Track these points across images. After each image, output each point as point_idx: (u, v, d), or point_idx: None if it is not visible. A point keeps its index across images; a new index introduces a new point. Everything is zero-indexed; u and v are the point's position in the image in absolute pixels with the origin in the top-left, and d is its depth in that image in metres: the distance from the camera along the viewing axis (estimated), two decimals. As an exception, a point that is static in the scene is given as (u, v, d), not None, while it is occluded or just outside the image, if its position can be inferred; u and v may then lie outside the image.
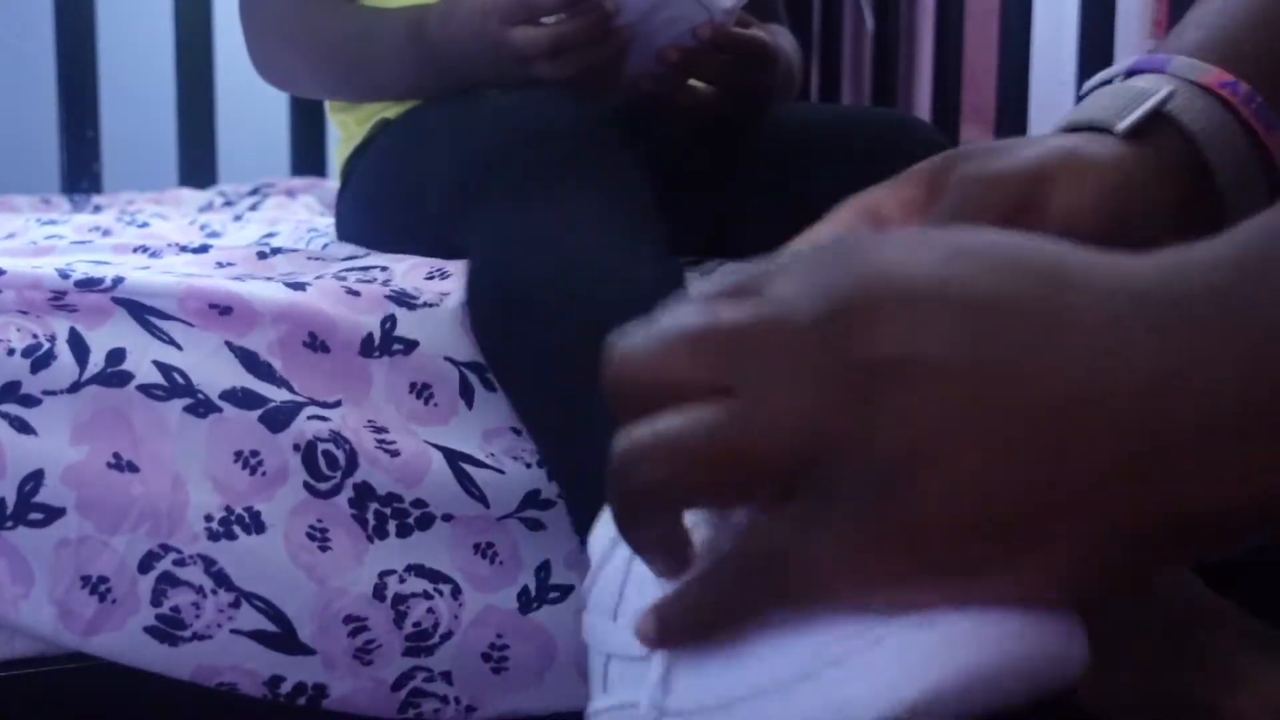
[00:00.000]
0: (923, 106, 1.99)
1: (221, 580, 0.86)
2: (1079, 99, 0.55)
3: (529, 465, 0.92)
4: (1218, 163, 0.49)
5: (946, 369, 0.33)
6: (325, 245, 1.22)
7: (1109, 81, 0.54)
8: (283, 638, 0.87)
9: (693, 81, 1.15)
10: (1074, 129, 0.51)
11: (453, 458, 0.90)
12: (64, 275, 0.90)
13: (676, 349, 0.37)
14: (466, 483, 0.90)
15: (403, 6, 1.15)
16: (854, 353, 0.34)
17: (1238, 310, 0.32)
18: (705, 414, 0.36)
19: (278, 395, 0.89)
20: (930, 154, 1.05)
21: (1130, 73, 0.53)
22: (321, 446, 0.88)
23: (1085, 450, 0.32)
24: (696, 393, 0.36)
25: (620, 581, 0.68)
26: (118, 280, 0.90)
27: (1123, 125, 0.49)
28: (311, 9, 1.19)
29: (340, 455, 0.88)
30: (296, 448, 0.88)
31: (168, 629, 0.86)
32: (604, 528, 0.75)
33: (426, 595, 0.90)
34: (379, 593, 0.88)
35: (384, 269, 1.02)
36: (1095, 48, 1.48)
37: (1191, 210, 0.49)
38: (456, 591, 0.90)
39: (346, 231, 1.24)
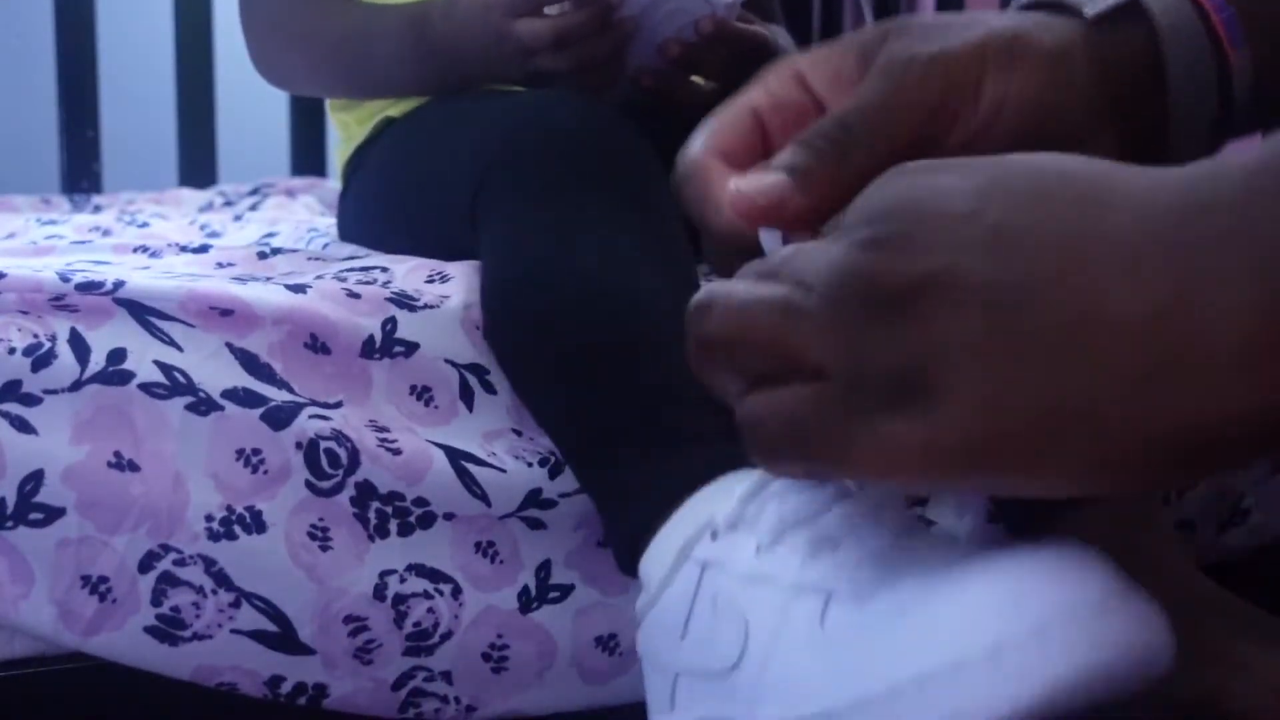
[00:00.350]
0: (923, 106, 1.99)
1: (222, 580, 0.86)
2: None
3: (530, 464, 0.92)
4: (1174, 62, 0.49)
5: (971, 287, 0.35)
6: (325, 245, 1.22)
7: None
8: (283, 638, 0.87)
9: (693, 78, 1.15)
10: (1038, 5, 0.50)
11: (454, 456, 0.90)
12: (64, 279, 0.89)
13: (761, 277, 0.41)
14: (468, 481, 0.90)
15: (403, 3, 1.15)
16: (892, 272, 0.37)
17: (1254, 223, 0.32)
18: (770, 294, 0.40)
19: (278, 396, 0.89)
20: None
21: None
22: (324, 445, 0.88)
23: (1093, 368, 0.34)
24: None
25: (689, 599, 0.68)
26: (119, 284, 0.90)
27: (1092, 10, 0.48)
28: (311, 7, 1.18)
29: (342, 453, 0.88)
30: (299, 446, 0.88)
31: (168, 629, 0.86)
32: (660, 551, 0.75)
33: (426, 595, 0.90)
34: (379, 593, 0.88)
35: (384, 269, 1.02)
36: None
37: (1136, 107, 0.49)
38: (457, 591, 0.90)
39: (349, 231, 1.23)
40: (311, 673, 0.88)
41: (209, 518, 0.86)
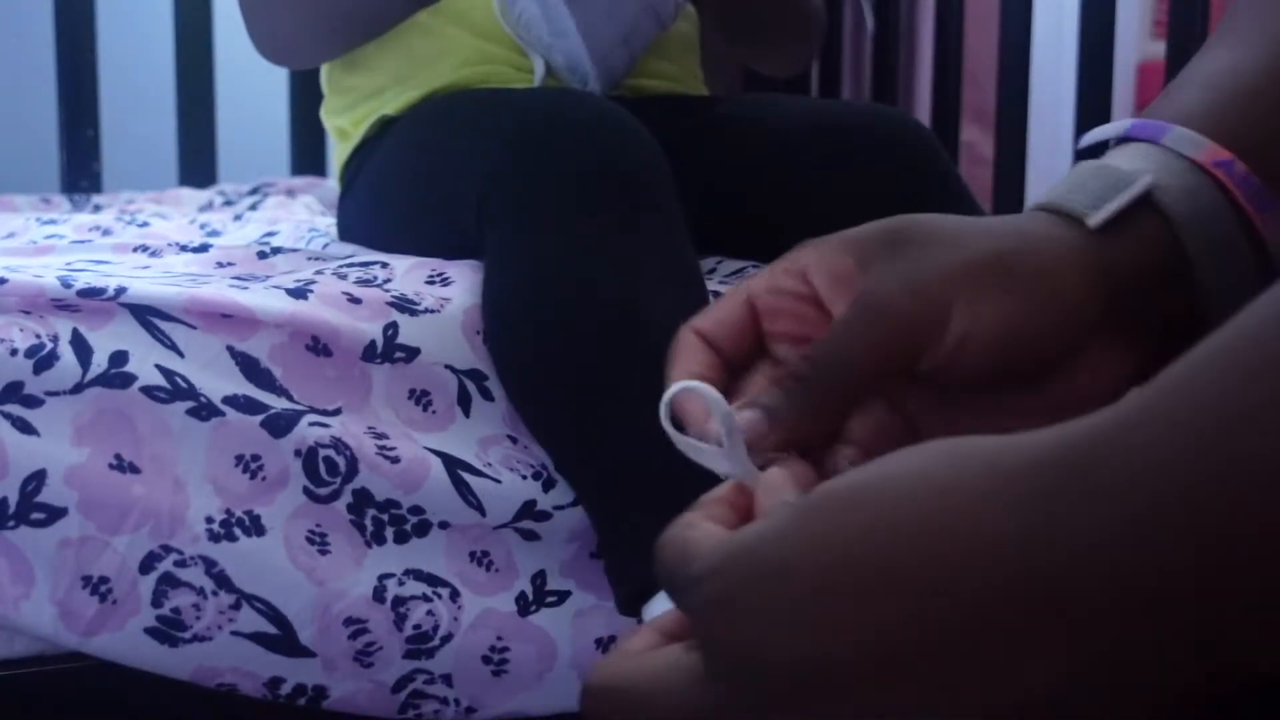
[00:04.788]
0: (923, 106, 1.99)
1: (222, 582, 0.86)
2: (1078, 153, 0.54)
3: (524, 477, 0.92)
4: (1197, 248, 0.47)
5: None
6: (325, 245, 1.22)
7: (1096, 154, 0.52)
8: (283, 640, 0.87)
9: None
10: (1049, 209, 0.50)
11: (451, 465, 0.90)
12: (66, 284, 0.89)
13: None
14: (464, 491, 0.90)
15: None
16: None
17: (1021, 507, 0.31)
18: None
19: (278, 404, 0.89)
20: (919, 150, 1.06)
21: (1126, 136, 0.51)
22: (323, 453, 0.88)
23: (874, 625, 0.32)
24: None
25: None
26: (120, 289, 0.89)
27: (1095, 219, 0.47)
28: None
29: (341, 461, 0.88)
30: (298, 453, 0.88)
31: (168, 630, 0.86)
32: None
33: (425, 598, 0.90)
34: (379, 595, 0.88)
35: (384, 265, 1.01)
36: (1095, 48, 1.48)
37: (1152, 303, 0.48)
38: (455, 595, 0.90)
39: (351, 232, 1.22)
40: (311, 674, 0.88)
41: (209, 519, 0.86)
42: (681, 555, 0.37)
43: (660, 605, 0.81)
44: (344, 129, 1.25)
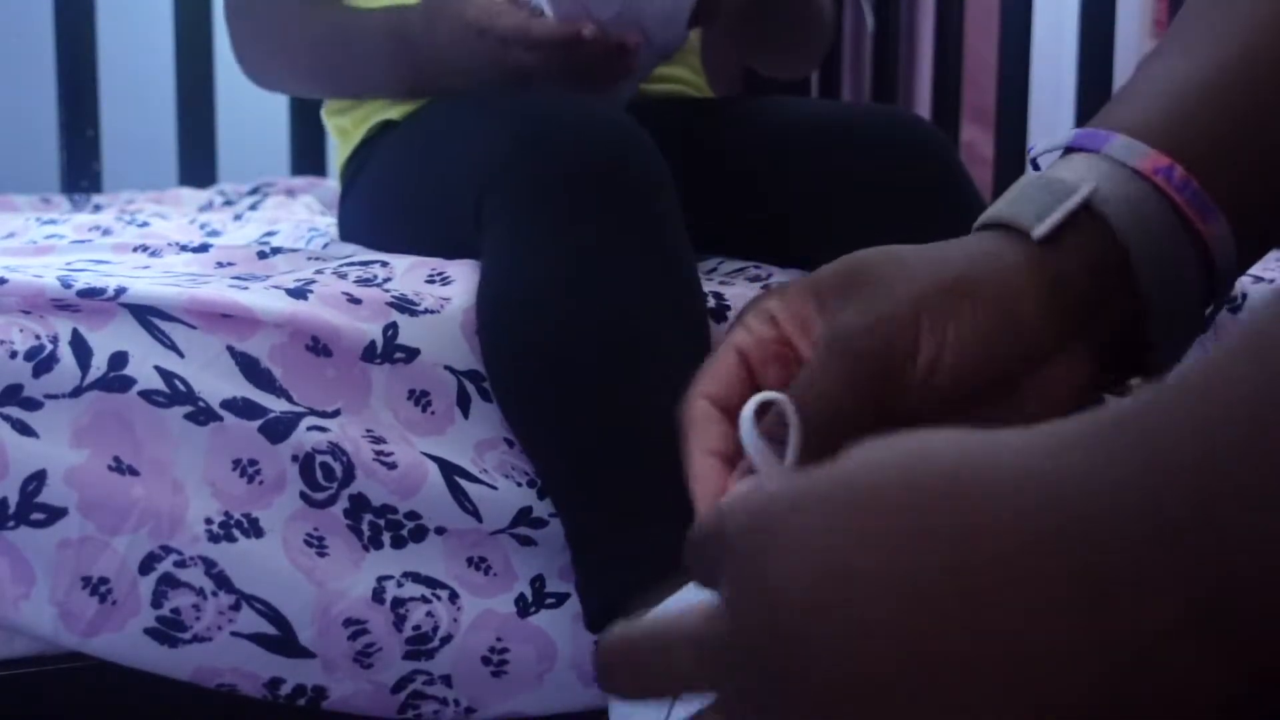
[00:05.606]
0: (923, 106, 1.99)
1: (222, 582, 0.86)
2: (1033, 163, 0.54)
3: (520, 484, 0.92)
4: (1140, 254, 0.48)
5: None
6: (325, 245, 1.22)
7: (1038, 170, 0.52)
8: (283, 640, 0.87)
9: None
10: (995, 224, 0.49)
11: (448, 470, 0.90)
12: (66, 285, 0.89)
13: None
14: (460, 496, 0.90)
15: (381, 8, 1.15)
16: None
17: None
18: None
19: (277, 405, 0.89)
20: (926, 150, 1.05)
21: (1069, 147, 0.51)
22: (319, 458, 0.88)
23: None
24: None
25: (664, 711, 0.69)
26: (120, 289, 0.89)
27: (1039, 231, 0.48)
28: (290, 10, 1.18)
29: (338, 467, 0.88)
30: (295, 458, 0.88)
31: (168, 630, 0.86)
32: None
33: (424, 600, 0.90)
34: (378, 596, 0.88)
35: (384, 264, 1.01)
36: (1095, 48, 1.48)
37: (1105, 309, 0.49)
38: (454, 596, 0.90)
39: (351, 234, 1.22)
40: (311, 675, 0.88)
41: (208, 520, 0.86)
42: (720, 510, 0.37)
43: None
44: (345, 128, 1.25)
